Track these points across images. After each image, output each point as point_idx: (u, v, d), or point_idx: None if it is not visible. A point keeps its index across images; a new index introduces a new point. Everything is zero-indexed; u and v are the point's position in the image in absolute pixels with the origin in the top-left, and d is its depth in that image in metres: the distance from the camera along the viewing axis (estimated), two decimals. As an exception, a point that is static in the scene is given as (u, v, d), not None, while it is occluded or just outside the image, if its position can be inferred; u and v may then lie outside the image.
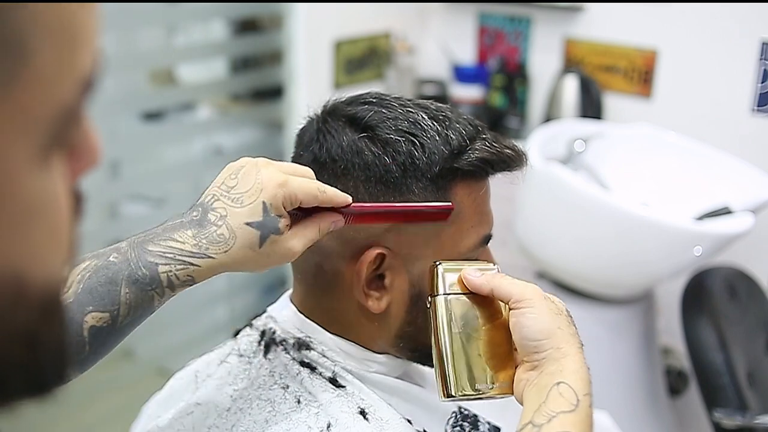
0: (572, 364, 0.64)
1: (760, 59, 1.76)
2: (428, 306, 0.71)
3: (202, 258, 0.63)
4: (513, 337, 0.68)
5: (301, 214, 0.67)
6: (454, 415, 0.79)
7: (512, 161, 0.74)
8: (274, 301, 0.84)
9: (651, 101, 2.02)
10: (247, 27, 2.28)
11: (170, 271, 0.63)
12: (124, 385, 1.93)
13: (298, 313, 0.79)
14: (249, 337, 0.80)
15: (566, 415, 0.61)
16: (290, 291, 0.83)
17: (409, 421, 0.73)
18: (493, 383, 0.69)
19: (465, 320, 0.70)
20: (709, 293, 1.56)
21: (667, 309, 1.93)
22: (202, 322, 2.19)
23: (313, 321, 0.78)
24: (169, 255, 0.63)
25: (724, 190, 1.71)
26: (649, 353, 1.85)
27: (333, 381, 0.74)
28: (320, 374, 0.74)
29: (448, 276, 0.71)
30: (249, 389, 0.75)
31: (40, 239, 0.33)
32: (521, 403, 0.66)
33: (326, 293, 0.72)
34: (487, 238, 0.77)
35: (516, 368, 0.69)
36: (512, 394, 0.68)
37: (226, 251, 0.63)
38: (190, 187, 2.26)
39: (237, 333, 0.82)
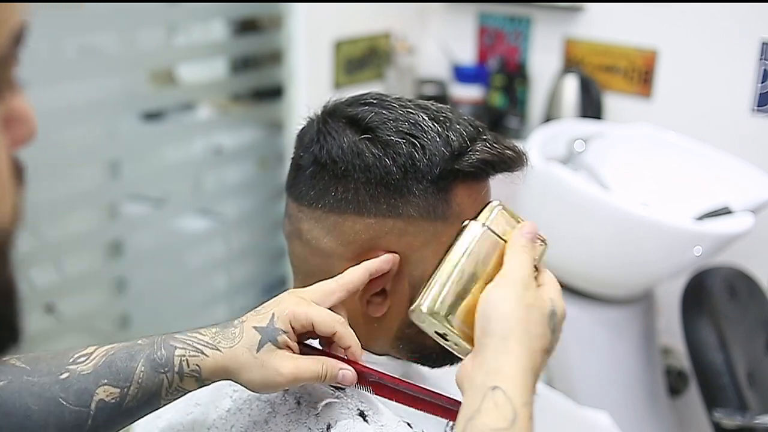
0: (514, 367, 0.59)
1: (760, 59, 1.76)
2: (462, 226, 0.70)
3: (212, 349, 0.66)
4: None
5: (313, 353, 0.69)
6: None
7: (513, 162, 0.74)
8: (274, 302, 0.84)
9: (651, 101, 2.02)
10: (247, 27, 2.27)
11: (184, 355, 0.66)
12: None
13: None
14: (249, 338, 0.80)
15: None
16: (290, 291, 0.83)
17: (408, 424, 0.73)
18: (463, 327, 0.66)
19: (481, 257, 0.68)
20: (709, 293, 1.56)
21: (667, 309, 1.93)
22: (202, 322, 2.18)
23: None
24: (189, 342, 0.67)
25: (724, 190, 1.71)
26: (649, 353, 1.85)
27: (333, 382, 0.74)
28: (320, 375, 0.74)
29: (500, 216, 0.71)
30: (249, 390, 0.75)
31: None
32: (458, 385, 0.64)
33: (326, 294, 0.72)
34: None
35: None
36: (470, 347, 0.65)
37: (231, 347, 0.66)
38: (190, 187, 2.26)
39: (237, 333, 0.82)
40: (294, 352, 0.67)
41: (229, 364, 0.66)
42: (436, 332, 0.68)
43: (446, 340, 0.67)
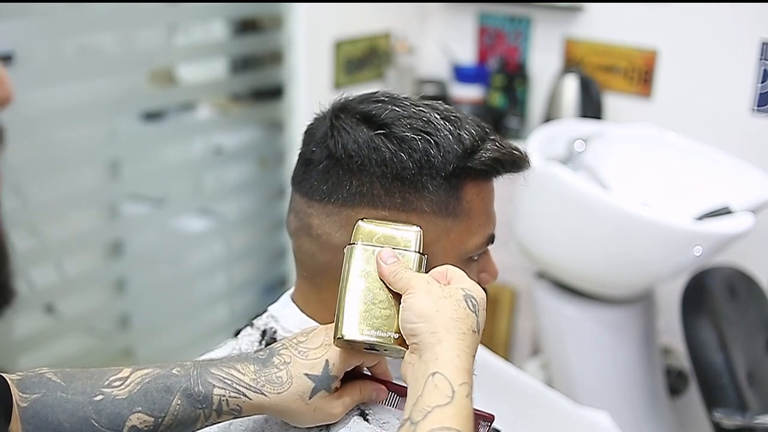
0: (447, 351, 0.62)
1: (760, 59, 1.76)
2: (344, 255, 0.71)
3: (256, 393, 0.67)
4: None
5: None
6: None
7: (521, 162, 0.76)
8: (275, 301, 0.84)
9: (651, 101, 2.02)
10: (247, 27, 2.27)
11: (224, 395, 0.67)
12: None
13: (301, 312, 0.80)
14: (250, 337, 0.80)
15: (442, 409, 0.60)
16: (291, 290, 0.83)
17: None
18: (392, 334, 0.67)
19: (372, 271, 0.70)
20: (709, 293, 1.56)
21: (667, 309, 1.93)
22: (202, 322, 2.19)
23: (315, 320, 0.78)
24: (228, 381, 0.67)
25: (724, 190, 1.71)
26: (649, 353, 1.85)
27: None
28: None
29: (369, 229, 0.71)
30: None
31: None
32: (402, 377, 0.66)
33: (332, 291, 0.72)
34: (492, 238, 0.79)
35: None
36: (404, 348, 0.67)
37: (279, 393, 0.67)
38: (190, 187, 2.26)
39: (238, 333, 0.83)
40: (338, 388, 0.70)
41: (277, 409, 0.68)
42: (366, 348, 0.69)
43: (376, 347, 0.69)
